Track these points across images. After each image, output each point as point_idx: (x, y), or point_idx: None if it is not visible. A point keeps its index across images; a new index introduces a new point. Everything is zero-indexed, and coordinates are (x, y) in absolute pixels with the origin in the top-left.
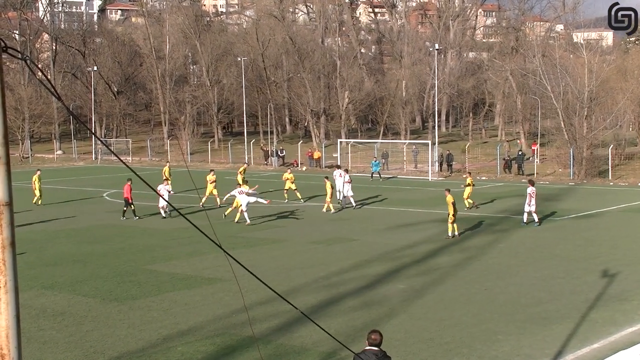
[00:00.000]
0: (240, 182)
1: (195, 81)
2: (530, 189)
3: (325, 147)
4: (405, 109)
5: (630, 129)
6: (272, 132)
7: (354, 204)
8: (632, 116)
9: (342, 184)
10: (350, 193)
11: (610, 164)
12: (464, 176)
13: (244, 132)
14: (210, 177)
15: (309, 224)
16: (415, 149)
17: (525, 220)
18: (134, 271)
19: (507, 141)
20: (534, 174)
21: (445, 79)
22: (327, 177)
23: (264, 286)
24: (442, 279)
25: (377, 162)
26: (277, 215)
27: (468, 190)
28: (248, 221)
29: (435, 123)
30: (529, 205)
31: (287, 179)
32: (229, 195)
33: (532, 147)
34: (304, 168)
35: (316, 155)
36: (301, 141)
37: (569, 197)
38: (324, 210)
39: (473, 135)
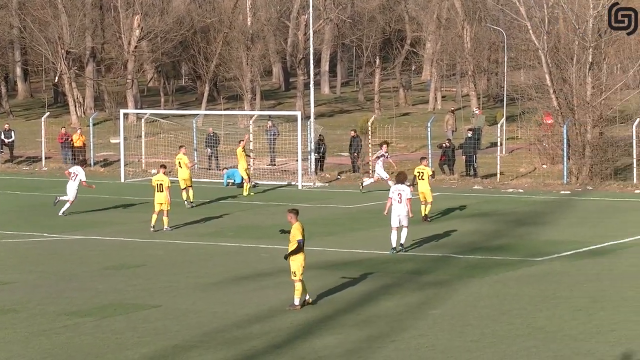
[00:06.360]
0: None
1: None
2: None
3: (94, 124)
4: (252, 50)
5: None
6: None
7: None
8: None
9: (381, 169)
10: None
11: (635, 155)
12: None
13: None
14: (240, 150)
15: (62, 276)
16: (272, 129)
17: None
18: None
19: (451, 110)
20: (496, 174)
21: None
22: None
23: None
24: None
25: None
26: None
27: (424, 186)
28: None
29: (310, 77)
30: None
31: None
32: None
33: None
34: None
35: (77, 140)
36: (47, 113)
37: (562, 218)
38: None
39: (382, 102)
